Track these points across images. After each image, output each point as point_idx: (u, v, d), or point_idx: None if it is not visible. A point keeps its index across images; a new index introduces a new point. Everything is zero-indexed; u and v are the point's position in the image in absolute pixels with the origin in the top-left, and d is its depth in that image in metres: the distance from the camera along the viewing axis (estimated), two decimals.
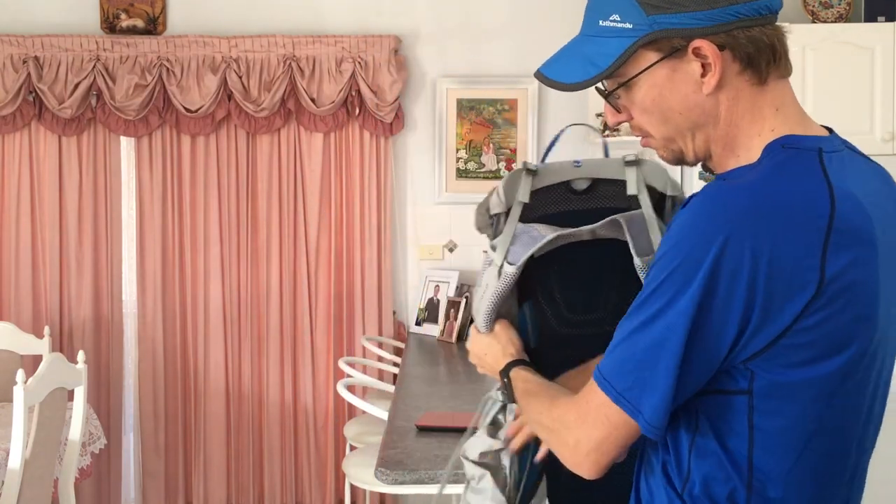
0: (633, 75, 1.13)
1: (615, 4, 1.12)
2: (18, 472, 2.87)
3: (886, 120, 4.05)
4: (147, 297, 4.52)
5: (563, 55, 1.19)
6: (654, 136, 1.17)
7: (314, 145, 4.53)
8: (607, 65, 1.13)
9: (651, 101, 1.14)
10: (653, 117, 1.15)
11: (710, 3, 1.07)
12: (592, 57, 1.14)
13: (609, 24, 1.13)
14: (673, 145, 1.17)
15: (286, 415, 4.54)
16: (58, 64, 4.42)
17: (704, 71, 1.10)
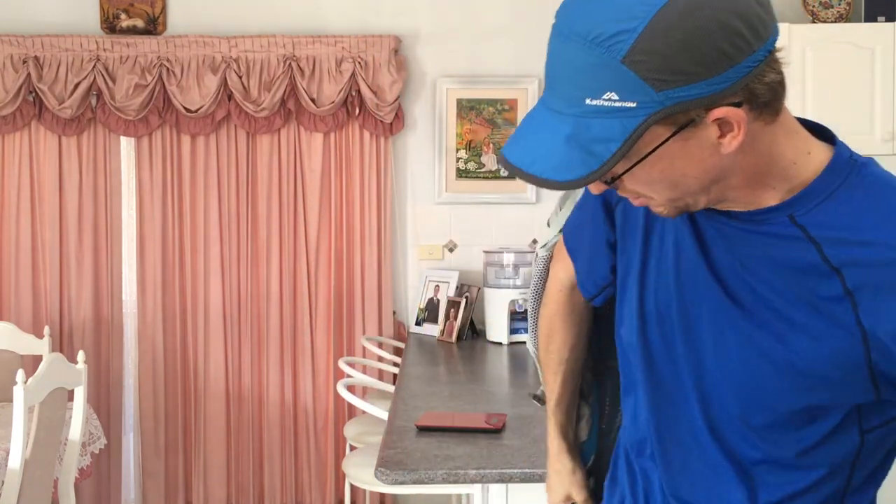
0: (642, 157, 0.96)
1: (610, 81, 0.91)
2: (18, 472, 2.87)
3: (886, 120, 4.05)
4: (147, 297, 4.52)
5: (540, 142, 0.96)
6: (657, 199, 1.03)
7: (314, 145, 4.53)
8: (611, 153, 0.92)
9: (659, 173, 0.98)
10: (659, 185, 1.00)
11: (726, 63, 0.92)
12: (587, 144, 0.93)
13: (602, 104, 0.92)
14: (679, 203, 1.04)
15: (286, 415, 4.54)
16: (58, 64, 4.42)
17: (723, 132, 0.96)
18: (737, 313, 1.06)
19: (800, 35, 4.06)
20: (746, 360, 1.05)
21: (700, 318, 1.10)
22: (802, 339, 1.02)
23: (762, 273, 1.04)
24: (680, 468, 1.19)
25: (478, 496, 2.29)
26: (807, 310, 1.01)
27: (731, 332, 1.06)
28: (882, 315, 0.97)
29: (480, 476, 2.15)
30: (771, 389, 1.05)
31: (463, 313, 4.31)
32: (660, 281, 1.15)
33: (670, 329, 1.14)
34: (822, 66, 4.06)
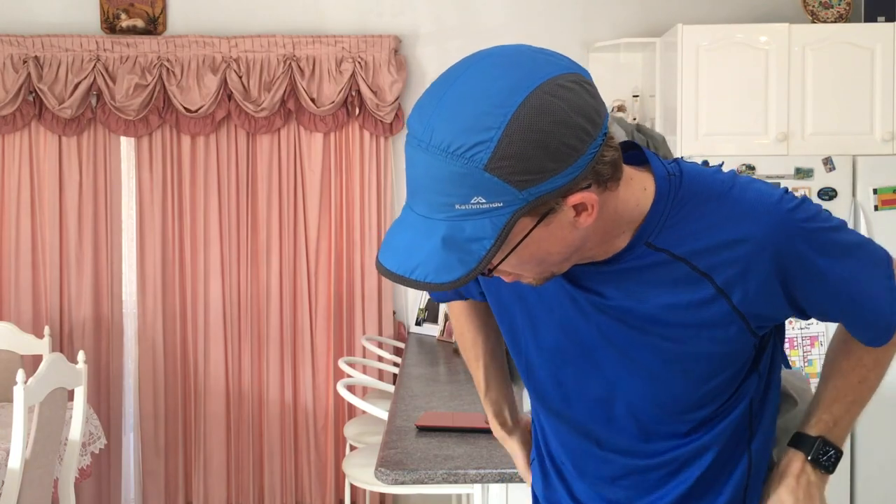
0: (513, 248, 1.04)
1: (477, 188, 0.98)
2: (18, 472, 2.87)
3: (886, 120, 4.05)
4: (147, 297, 4.52)
5: (418, 248, 1.02)
6: (527, 276, 1.13)
7: (314, 145, 4.53)
8: (486, 249, 0.99)
9: (528, 256, 1.07)
10: (528, 265, 1.09)
11: (575, 154, 0.99)
12: (461, 245, 1.00)
13: (471, 207, 0.99)
14: (546, 274, 1.14)
15: (286, 415, 4.54)
16: (58, 64, 4.42)
17: (578, 212, 1.05)
18: (640, 337, 1.19)
19: (800, 35, 4.06)
20: (662, 367, 1.20)
21: (603, 351, 1.22)
22: (698, 340, 1.18)
23: (650, 301, 1.17)
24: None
25: (478, 496, 2.29)
26: (694, 317, 1.16)
27: (640, 352, 1.20)
28: (750, 297, 1.15)
29: (480, 476, 2.15)
30: (682, 386, 1.22)
31: None
32: (550, 325, 1.26)
33: (570, 362, 1.27)
34: (822, 66, 4.05)
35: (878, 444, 3.99)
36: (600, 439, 1.30)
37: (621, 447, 1.29)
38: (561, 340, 1.25)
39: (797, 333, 3.98)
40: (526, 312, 1.28)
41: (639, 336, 1.19)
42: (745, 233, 1.14)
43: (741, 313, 1.17)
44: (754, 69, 4.05)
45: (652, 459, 1.28)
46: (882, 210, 3.99)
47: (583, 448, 1.33)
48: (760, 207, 1.16)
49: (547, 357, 1.29)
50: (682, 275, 1.16)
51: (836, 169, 3.98)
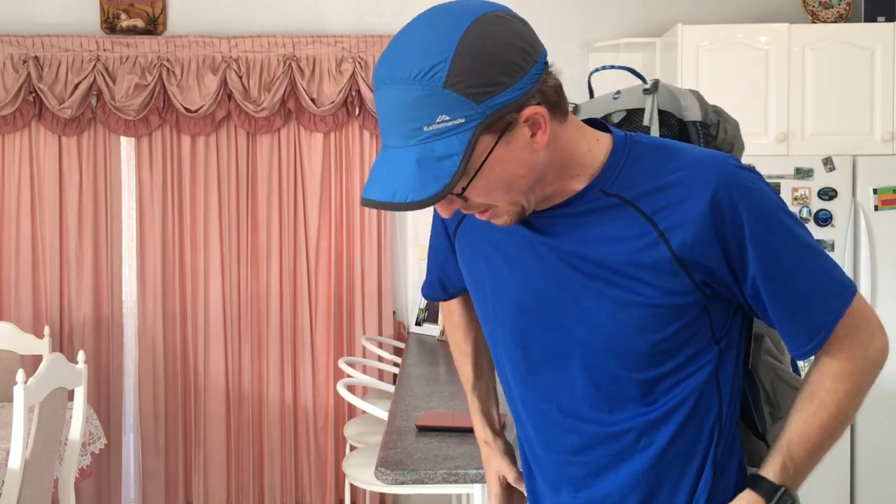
0: (479, 165, 1.13)
1: (440, 106, 1.09)
2: (18, 472, 2.87)
3: (886, 120, 4.05)
4: (147, 297, 4.52)
5: (395, 175, 1.11)
6: (499, 205, 1.20)
7: (314, 145, 4.53)
8: (456, 164, 1.09)
9: (495, 179, 1.15)
10: (497, 192, 1.17)
11: (521, 70, 1.12)
12: (433, 164, 1.10)
13: (437, 127, 1.09)
14: (516, 207, 1.21)
15: (286, 415, 4.54)
16: (58, 64, 4.42)
17: (533, 132, 1.15)
18: (591, 284, 1.24)
19: (800, 35, 4.06)
20: (611, 317, 1.24)
21: (560, 304, 1.27)
22: (645, 285, 1.22)
23: (598, 245, 1.23)
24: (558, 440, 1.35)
25: (478, 496, 2.29)
26: (638, 262, 1.21)
27: (592, 300, 1.25)
28: (688, 244, 1.19)
29: (480, 476, 2.15)
30: (631, 338, 1.24)
31: None
32: (513, 283, 1.32)
33: (531, 321, 1.31)
34: (822, 66, 4.06)
35: (878, 444, 3.99)
36: (562, 405, 1.31)
37: (583, 415, 1.29)
38: (525, 298, 1.30)
39: None
40: (494, 275, 1.34)
41: (589, 283, 1.24)
42: (686, 175, 1.21)
43: (681, 261, 1.20)
44: (754, 69, 4.05)
45: (613, 427, 1.28)
46: (882, 210, 3.99)
47: (548, 417, 1.33)
48: (707, 158, 1.23)
49: (513, 320, 1.33)
50: (628, 219, 1.22)
51: (836, 169, 3.98)
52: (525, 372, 1.34)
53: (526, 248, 1.29)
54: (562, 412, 1.31)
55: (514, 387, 1.39)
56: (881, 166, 4.00)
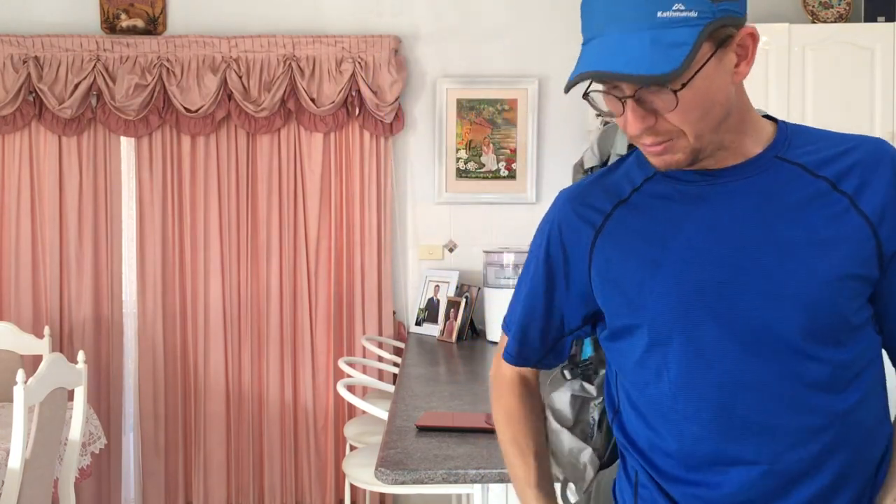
0: (697, 69, 1.09)
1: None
2: (18, 472, 2.87)
3: (886, 120, 4.05)
4: (147, 297, 4.52)
5: (627, 50, 1.09)
6: (689, 134, 1.14)
7: (314, 145, 4.53)
8: (685, 54, 1.07)
9: (701, 96, 1.11)
10: (694, 114, 1.12)
11: None
12: (665, 48, 1.07)
13: (672, 15, 1.07)
14: (698, 143, 1.16)
15: (286, 415, 4.54)
16: (58, 64, 4.42)
17: (739, 60, 1.14)
18: (784, 253, 1.17)
19: (800, 35, 4.06)
20: (811, 287, 1.16)
21: (749, 279, 1.18)
22: (841, 255, 1.16)
23: (787, 213, 1.18)
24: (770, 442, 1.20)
25: (478, 496, 2.29)
26: (827, 225, 1.17)
27: (786, 272, 1.17)
28: (870, 199, 1.17)
29: (480, 476, 2.15)
30: (830, 307, 1.17)
31: (463, 313, 4.31)
32: (685, 270, 1.21)
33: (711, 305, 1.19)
34: (822, 66, 4.06)
35: None
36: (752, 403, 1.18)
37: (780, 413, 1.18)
38: (704, 279, 1.19)
39: None
40: (654, 270, 1.22)
41: (783, 252, 1.17)
42: (858, 141, 1.23)
43: (872, 225, 1.17)
44: (755, 69, 4.03)
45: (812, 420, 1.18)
46: None
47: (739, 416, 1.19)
48: (869, 136, 1.27)
49: (691, 311, 1.20)
50: (813, 187, 1.19)
51: None
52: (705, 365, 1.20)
53: (694, 226, 1.21)
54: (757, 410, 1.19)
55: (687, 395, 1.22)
56: None
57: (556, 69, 4.53)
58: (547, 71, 4.56)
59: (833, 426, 1.19)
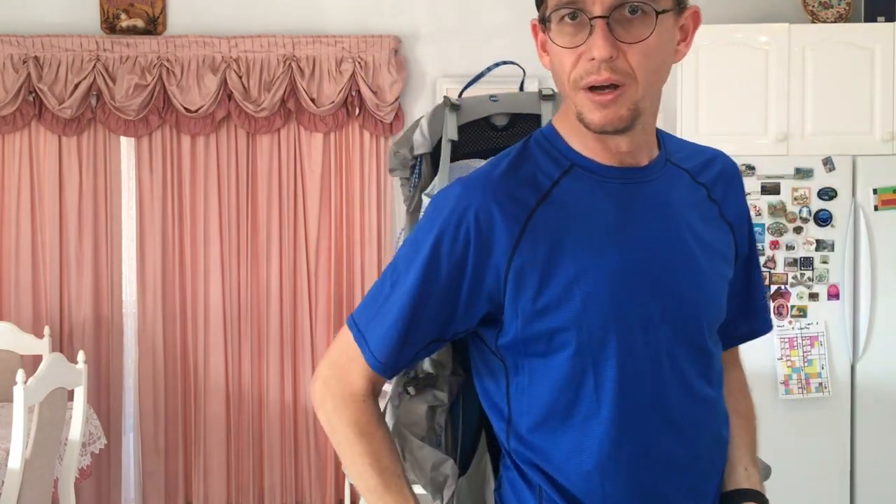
0: (666, 10, 1.14)
1: None
2: (18, 472, 2.87)
3: (886, 120, 4.05)
4: (147, 297, 4.52)
5: None
6: (639, 83, 1.14)
7: (314, 145, 4.53)
8: None
9: (657, 46, 1.14)
10: (651, 61, 1.14)
11: None
12: None
13: None
14: (643, 102, 1.16)
15: (286, 415, 4.54)
16: (58, 64, 4.42)
17: (681, 38, 1.21)
18: (689, 256, 1.24)
19: (800, 35, 4.06)
20: (702, 277, 1.25)
21: (681, 277, 1.23)
22: (719, 253, 1.28)
23: (675, 213, 1.24)
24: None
25: None
26: (710, 230, 1.27)
27: (692, 272, 1.24)
28: (731, 210, 1.30)
29: None
30: (719, 302, 1.29)
31: None
32: (614, 264, 1.19)
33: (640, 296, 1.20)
34: (822, 66, 4.06)
35: (878, 444, 3.99)
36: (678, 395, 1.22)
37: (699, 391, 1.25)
38: (632, 272, 1.19)
39: (797, 333, 3.99)
40: (584, 267, 1.18)
41: (695, 254, 1.25)
42: (715, 154, 1.34)
43: (733, 230, 1.31)
44: (754, 69, 4.05)
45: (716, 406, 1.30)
46: (882, 210, 3.99)
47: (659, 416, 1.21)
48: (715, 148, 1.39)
49: (624, 304, 1.19)
50: (697, 195, 1.28)
51: (836, 169, 3.98)
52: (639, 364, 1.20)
53: (622, 222, 1.20)
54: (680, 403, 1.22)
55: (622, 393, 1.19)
56: (881, 166, 4.00)
57: None
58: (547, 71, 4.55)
59: (716, 417, 1.29)
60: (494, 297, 1.19)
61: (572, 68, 1.15)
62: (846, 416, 3.99)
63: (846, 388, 3.99)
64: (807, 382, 3.97)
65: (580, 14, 1.12)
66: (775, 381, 3.97)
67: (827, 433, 3.99)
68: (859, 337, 3.99)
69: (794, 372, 3.96)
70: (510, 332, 1.19)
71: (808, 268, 3.99)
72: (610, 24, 1.11)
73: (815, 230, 3.98)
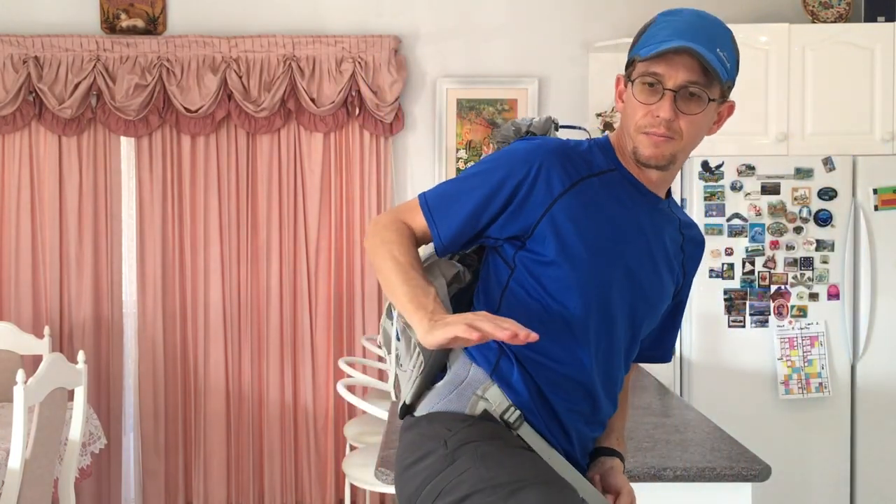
0: (713, 99, 1.54)
1: (726, 45, 1.53)
2: (18, 472, 2.87)
3: (886, 120, 4.05)
4: (147, 297, 4.52)
5: (707, 47, 1.49)
6: (682, 142, 1.55)
7: (314, 145, 4.53)
8: (725, 78, 1.53)
9: (701, 121, 1.55)
10: (694, 129, 1.54)
11: (734, 82, 1.59)
12: (721, 62, 1.51)
13: (719, 55, 1.51)
14: (680, 154, 1.57)
15: (286, 415, 4.54)
16: (58, 64, 4.42)
17: (718, 118, 1.61)
18: (654, 267, 1.65)
19: (800, 35, 4.06)
20: (660, 293, 1.68)
21: (639, 276, 1.62)
22: (670, 279, 1.69)
23: (663, 240, 1.66)
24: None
25: None
26: (671, 264, 1.69)
27: (655, 279, 1.65)
28: (689, 267, 1.75)
29: None
30: (660, 314, 1.73)
31: None
32: (623, 249, 1.60)
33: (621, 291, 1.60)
34: (822, 66, 4.06)
35: (878, 444, 3.99)
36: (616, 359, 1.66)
37: (620, 365, 1.69)
38: (630, 261, 1.60)
39: (797, 333, 3.99)
40: (603, 238, 1.57)
41: (665, 267, 1.68)
42: (693, 222, 1.78)
43: (683, 282, 1.75)
44: (754, 69, 4.05)
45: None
46: (882, 210, 3.99)
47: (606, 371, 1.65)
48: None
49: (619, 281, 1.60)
50: (677, 240, 1.70)
51: (836, 169, 3.98)
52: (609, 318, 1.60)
53: (635, 224, 1.60)
54: (614, 364, 1.65)
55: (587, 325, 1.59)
56: (881, 166, 4.00)
57: (556, 69, 4.54)
58: (547, 71, 4.56)
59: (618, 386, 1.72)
60: (525, 230, 1.56)
61: (641, 117, 1.54)
62: (846, 416, 3.99)
63: (846, 388, 3.99)
64: (807, 382, 3.97)
65: (658, 84, 1.52)
66: (775, 381, 3.97)
67: (827, 433, 3.99)
68: (859, 337, 3.99)
69: (794, 372, 3.96)
70: (530, 250, 1.57)
71: (808, 268, 3.99)
72: (676, 97, 1.52)
73: (815, 230, 3.98)
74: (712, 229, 3.97)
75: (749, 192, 3.96)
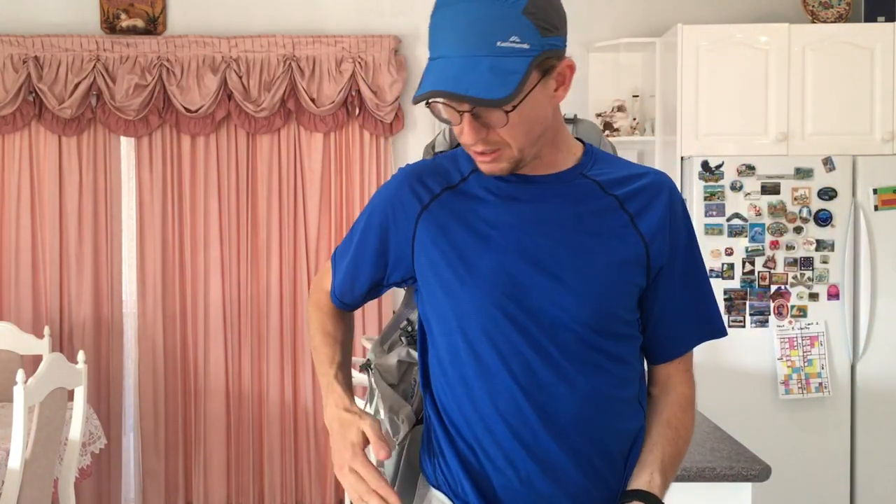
0: (525, 94, 1.25)
1: (515, 28, 1.22)
2: (18, 472, 2.87)
3: (886, 120, 4.05)
4: (147, 297, 4.52)
5: (467, 73, 1.22)
6: (514, 147, 1.31)
7: (314, 145, 4.53)
8: (518, 80, 1.22)
9: (526, 115, 1.28)
10: (520, 130, 1.29)
11: (564, 29, 1.30)
12: (502, 74, 1.22)
13: (508, 45, 1.22)
14: (523, 154, 1.33)
15: (286, 415, 4.54)
16: (58, 64, 4.42)
17: (557, 85, 1.32)
18: (577, 249, 1.38)
19: (800, 35, 4.06)
20: (600, 274, 1.38)
21: (549, 269, 1.38)
22: (614, 251, 1.38)
23: (579, 220, 1.39)
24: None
25: None
26: (610, 234, 1.39)
27: (579, 262, 1.38)
28: (653, 226, 1.40)
29: None
30: (611, 296, 1.39)
31: None
32: (503, 250, 1.39)
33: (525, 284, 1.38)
34: (822, 66, 4.06)
35: (878, 444, 4.00)
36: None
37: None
38: (518, 260, 1.38)
39: (797, 333, 3.99)
40: (472, 249, 1.40)
41: (584, 243, 1.39)
42: (646, 171, 1.45)
43: (645, 241, 1.39)
44: (754, 69, 4.05)
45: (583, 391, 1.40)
46: (882, 210, 3.99)
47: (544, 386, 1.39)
48: (658, 169, 1.49)
49: (506, 286, 1.38)
50: (603, 204, 1.40)
51: (836, 169, 3.98)
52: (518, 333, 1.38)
53: (507, 221, 1.39)
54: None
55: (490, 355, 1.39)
56: (881, 166, 4.00)
57: None
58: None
59: None
60: (407, 263, 1.45)
61: (458, 136, 1.33)
62: (846, 416, 3.99)
63: (846, 388, 3.99)
64: (807, 382, 3.97)
65: (449, 106, 1.28)
66: (775, 381, 3.97)
67: (827, 433, 3.99)
68: (859, 337, 3.99)
69: (794, 372, 3.96)
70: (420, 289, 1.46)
71: (808, 268, 3.99)
72: (475, 115, 1.28)
73: (815, 230, 3.98)
74: (712, 229, 3.97)
75: (749, 192, 3.96)
